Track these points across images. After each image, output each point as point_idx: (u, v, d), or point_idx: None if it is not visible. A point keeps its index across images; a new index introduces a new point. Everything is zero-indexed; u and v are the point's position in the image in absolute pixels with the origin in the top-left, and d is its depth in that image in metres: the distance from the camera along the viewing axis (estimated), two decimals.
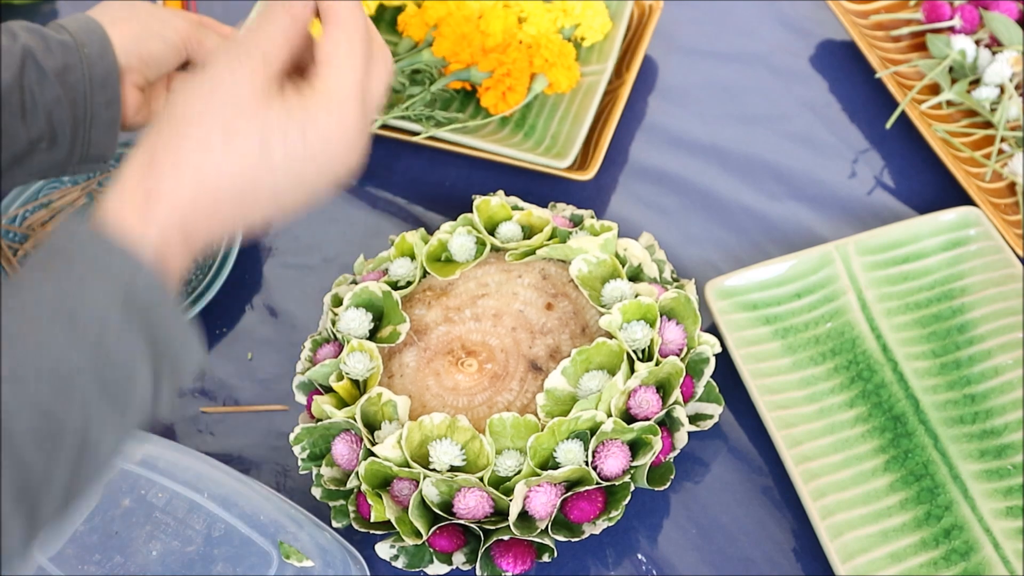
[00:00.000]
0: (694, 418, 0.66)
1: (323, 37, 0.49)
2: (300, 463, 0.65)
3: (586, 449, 0.60)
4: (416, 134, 0.81)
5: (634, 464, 0.61)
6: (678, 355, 0.64)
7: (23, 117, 0.64)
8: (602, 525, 0.61)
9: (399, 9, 0.90)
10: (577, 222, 0.72)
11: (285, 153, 0.45)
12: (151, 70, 0.69)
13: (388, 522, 0.60)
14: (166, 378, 0.44)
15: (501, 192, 0.73)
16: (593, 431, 0.60)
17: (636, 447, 0.62)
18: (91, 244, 0.43)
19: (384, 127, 0.82)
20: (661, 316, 0.64)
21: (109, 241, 0.43)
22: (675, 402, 0.63)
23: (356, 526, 0.62)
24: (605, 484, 0.61)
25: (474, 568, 0.61)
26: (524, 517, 0.60)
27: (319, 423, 0.64)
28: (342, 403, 0.64)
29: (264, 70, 0.46)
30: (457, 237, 0.70)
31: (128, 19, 0.68)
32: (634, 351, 0.63)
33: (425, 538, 0.59)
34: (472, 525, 0.60)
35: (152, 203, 0.44)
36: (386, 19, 0.91)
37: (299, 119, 0.46)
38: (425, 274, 0.70)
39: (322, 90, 0.47)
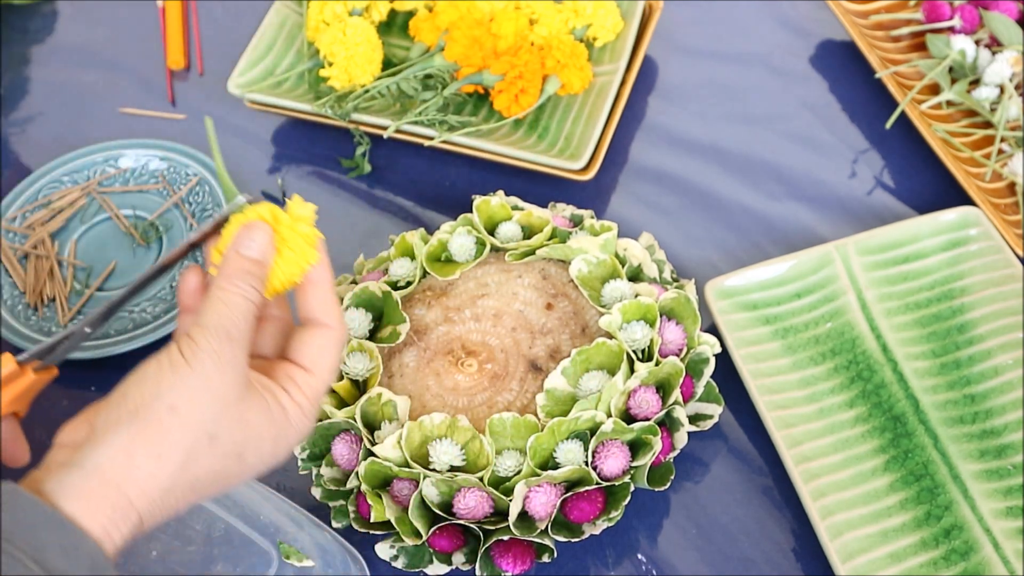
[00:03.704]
0: (694, 418, 0.66)
1: (308, 341, 0.51)
2: (300, 463, 0.65)
3: (586, 449, 0.60)
4: (427, 138, 0.81)
5: (634, 464, 0.61)
6: (678, 355, 0.64)
7: None
8: (602, 525, 0.61)
9: (410, 14, 0.90)
10: (577, 222, 0.72)
11: (259, 458, 0.49)
12: None
13: (388, 522, 0.60)
14: None
15: (501, 192, 0.73)
16: (593, 431, 0.60)
17: (636, 447, 0.62)
18: (59, 531, 0.42)
19: (396, 131, 0.81)
20: (661, 316, 0.64)
21: (79, 533, 0.43)
22: (675, 402, 0.63)
23: (356, 526, 0.62)
24: (605, 484, 0.61)
25: (474, 568, 0.61)
26: (524, 517, 0.60)
27: (319, 423, 0.64)
28: (342, 403, 0.64)
29: (244, 367, 0.48)
30: (457, 237, 0.70)
31: None
32: (634, 351, 0.63)
33: (425, 538, 0.59)
34: (472, 525, 0.60)
35: (124, 496, 0.44)
36: (397, 24, 0.91)
37: (278, 427, 0.48)
38: (425, 274, 0.70)
39: (301, 403, 0.49)
